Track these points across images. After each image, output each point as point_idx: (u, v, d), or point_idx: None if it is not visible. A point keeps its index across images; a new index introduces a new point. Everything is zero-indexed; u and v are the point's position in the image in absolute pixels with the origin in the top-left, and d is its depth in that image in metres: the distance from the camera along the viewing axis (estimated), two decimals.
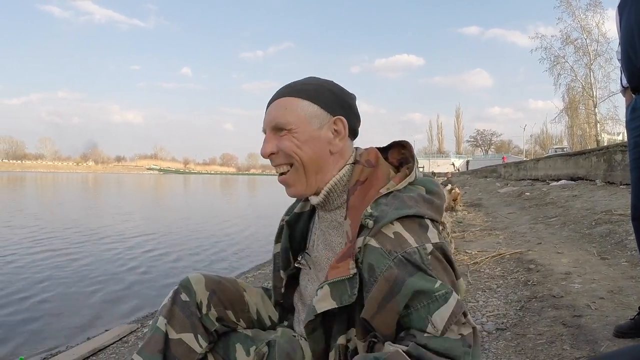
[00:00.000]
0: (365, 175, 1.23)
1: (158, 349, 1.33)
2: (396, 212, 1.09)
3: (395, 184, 1.19)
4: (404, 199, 1.14)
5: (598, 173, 11.74)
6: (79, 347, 3.82)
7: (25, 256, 8.11)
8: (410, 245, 1.06)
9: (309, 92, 1.27)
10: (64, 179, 72.37)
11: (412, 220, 1.10)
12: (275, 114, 1.27)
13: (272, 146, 1.27)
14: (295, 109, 1.25)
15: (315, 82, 1.31)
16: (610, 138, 36.82)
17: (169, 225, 13.02)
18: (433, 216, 1.16)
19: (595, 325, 2.65)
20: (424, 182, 1.24)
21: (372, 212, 1.12)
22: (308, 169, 1.25)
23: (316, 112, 1.25)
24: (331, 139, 1.26)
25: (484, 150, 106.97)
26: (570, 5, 35.45)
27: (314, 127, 1.24)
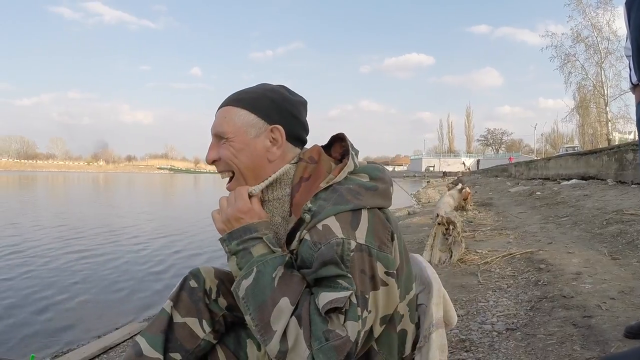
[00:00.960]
0: (308, 172, 1.26)
1: (161, 330, 1.36)
2: (333, 209, 1.13)
3: (334, 177, 1.22)
4: (342, 193, 1.16)
5: (609, 172, 11.66)
6: (90, 345, 3.85)
7: (39, 257, 8.18)
8: (336, 236, 1.09)
9: (248, 101, 1.29)
10: (76, 178, 72.86)
11: (347, 214, 1.13)
12: (216, 122, 1.31)
13: (215, 154, 1.31)
14: (233, 118, 1.28)
15: (258, 90, 1.33)
16: (622, 137, 36.58)
17: (181, 225, 13.10)
18: (377, 204, 1.19)
19: (606, 326, 2.63)
20: (367, 169, 1.26)
21: (311, 206, 1.16)
22: (246, 177, 1.29)
23: (252, 121, 1.28)
24: (269, 147, 1.28)
25: (495, 149, 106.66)
26: (580, 3, 35.29)
27: (250, 136, 1.27)
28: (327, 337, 1.03)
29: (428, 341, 1.25)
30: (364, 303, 1.09)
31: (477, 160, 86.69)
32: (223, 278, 1.47)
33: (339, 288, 1.06)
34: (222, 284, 1.45)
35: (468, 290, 3.88)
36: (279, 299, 1.09)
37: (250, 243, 1.18)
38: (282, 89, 1.35)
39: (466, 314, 3.29)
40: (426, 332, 1.26)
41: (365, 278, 1.10)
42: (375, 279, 1.11)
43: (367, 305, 1.10)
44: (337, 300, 1.05)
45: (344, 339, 1.04)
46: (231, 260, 1.20)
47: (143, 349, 1.34)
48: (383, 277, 1.13)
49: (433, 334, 1.25)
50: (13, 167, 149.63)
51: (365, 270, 1.10)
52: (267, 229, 1.23)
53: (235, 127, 1.27)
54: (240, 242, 1.19)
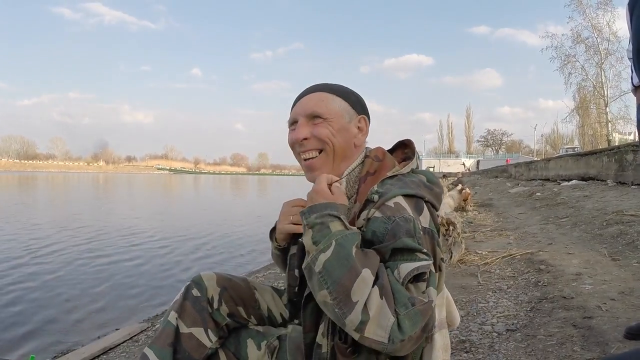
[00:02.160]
0: (374, 168, 1.37)
1: (168, 343, 1.38)
2: (399, 190, 1.23)
3: (399, 169, 1.35)
4: (406, 182, 1.29)
5: (609, 173, 11.66)
6: (90, 346, 3.85)
7: (39, 256, 8.17)
8: (408, 213, 1.18)
9: (341, 91, 1.44)
10: (76, 179, 72.81)
11: (412, 199, 1.23)
12: (314, 104, 1.40)
13: (306, 132, 1.39)
14: (331, 102, 1.40)
15: (344, 87, 1.48)
16: (622, 138, 36.58)
17: (181, 226, 13.07)
18: (432, 201, 1.29)
19: (606, 327, 2.63)
20: (425, 173, 1.40)
21: (378, 189, 1.26)
22: (337, 155, 1.39)
23: (347, 109, 1.41)
24: (356, 133, 1.42)
25: (495, 150, 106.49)
26: (580, 4, 35.30)
27: (345, 120, 1.40)
28: (413, 302, 1.07)
29: (431, 341, 1.26)
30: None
31: (477, 161, 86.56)
32: (225, 285, 1.49)
33: (417, 259, 1.12)
34: (225, 291, 1.48)
35: (468, 291, 3.88)
36: (361, 270, 1.09)
37: (329, 219, 1.20)
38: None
39: (466, 314, 3.29)
40: (429, 332, 1.26)
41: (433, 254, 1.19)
42: (437, 261, 1.20)
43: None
44: (420, 267, 1.10)
45: (427, 304, 1.09)
46: (307, 234, 1.20)
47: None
48: (440, 262, 1.22)
49: (436, 335, 1.26)
50: (13, 168, 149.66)
51: (429, 251, 1.17)
52: (345, 212, 1.26)
53: (334, 110, 1.39)
54: (319, 216, 1.20)
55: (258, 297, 1.56)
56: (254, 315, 1.52)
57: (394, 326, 1.03)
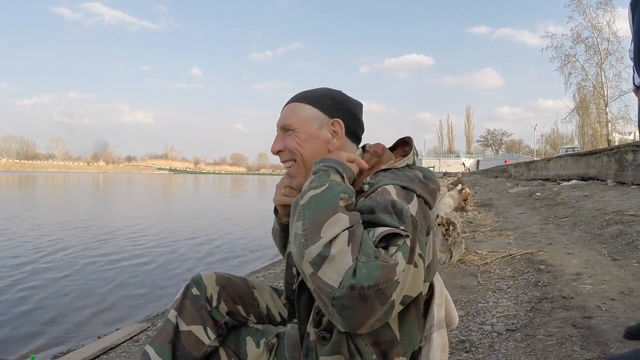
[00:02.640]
0: (371, 164, 1.37)
1: (168, 340, 1.41)
2: (390, 180, 1.23)
3: (394, 162, 1.36)
4: (399, 175, 1.28)
5: (609, 173, 11.65)
6: (90, 346, 3.85)
7: (40, 256, 8.18)
8: (392, 197, 1.15)
9: (312, 98, 1.44)
10: (77, 179, 72.75)
11: (401, 189, 1.21)
12: (282, 116, 1.46)
13: (280, 145, 1.44)
14: (299, 112, 1.42)
15: (321, 90, 1.48)
16: (622, 138, 36.60)
17: (182, 226, 13.08)
18: (425, 196, 1.26)
19: (606, 327, 2.63)
20: (422, 169, 1.38)
21: (370, 180, 1.28)
22: (307, 164, 1.39)
23: (316, 115, 1.42)
24: (329, 138, 1.41)
25: (495, 150, 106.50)
26: (580, 4, 35.31)
27: (313, 128, 1.41)
28: (377, 255, 0.99)
29: (429, 341, 1.26)
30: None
31: (477, 160, 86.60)
32: (224, 284, 1.52)
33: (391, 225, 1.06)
34: (224, 290, 1.51)
35: (468, 291, 3.88)
36: (339, 213, 1.08)
37: (332, 170, 1.23)
38: (341, 92, 1.50)
39: (466, 314, 3.29)
40: (427, 332, 1.27)
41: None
42: (413, 255, 1.07)
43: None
44: (392, 229, 1.04)
45: (391, 265, 0.99)
46: (308, 180, 1.22)
47: (152, 358, 1.40)
48: (417, 257, 1.08)
49: (434, 334, 1.26)
50: (13, 168, 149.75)
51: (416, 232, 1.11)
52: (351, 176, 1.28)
53: (301, 119, 1.41)
54: (326, 166, 1.25)
55: (257, 296, 1.59)
56: (252, 314, 1.54)
57: (349, 270, 0.97)
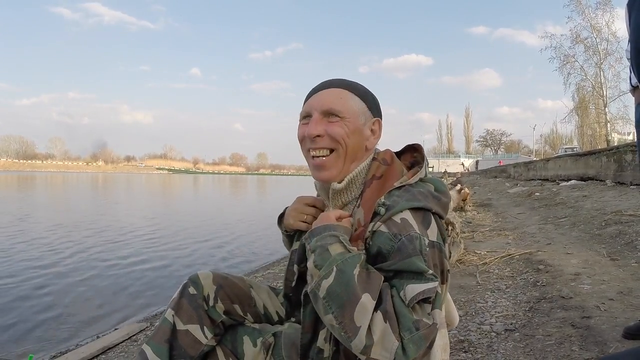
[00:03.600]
0: (380, 172, 1.35)
1: (165, 339, 1.41)
2: (407, 203, 1.21)
3: (407, 179, 1.31)
4: (414, 193, 1.25)
5: (608, 173, 11.67)
6: (89, 346, 3.84)
7: (36, 256, 8.17)
8: (415, 230, 1.17)
9: (360, 91, 1.40)
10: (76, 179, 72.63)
11: (419, 213, 1.22)
12: (332, 100, 1.35)
13: (321, 129, 1.34)
14: (350, 101, 1.36)
15: (363, 86, 1.43)
16: (621, 138, 36.56)
17: (179, 226, 13.05)
18: (439, 212, 1.27)
19: (605, 327, 2.63)
20: (434, 181, 1.36)
21: (385, 201, 1.24)
22: (349, 156, 1.36)
23: (364, 109, 1.38)
24: (369, 135, 1.39)
25: (494, 150, 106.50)
26: (580, 4, 35.29)
27: (360, 122, 1.36)
28: (417, 326, 1.07)
29: None
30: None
31: (476, 161, 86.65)
32: (221, 283, 1.51)
33: (424, 279, 1.11)
34: (221, 289, 1.50)
35: (467, 291, 3.88)
36: (361, 295, 1.09)
37: (328, 240, 1.21)
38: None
39: (465, 314, 3.29)
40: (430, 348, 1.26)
41: (438, 272, 1.18)
42: (444, 274, 1.21)
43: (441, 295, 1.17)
44: (427, 291, 1.10)
45: (432, 327, 1.09)
46: (309, 258, 1.21)
47: (149, 357, 1.40)
48: (446, 273, 1.22)
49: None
50: (12, 167, 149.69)
51: (437, 265, 1.19)
52: (346, 233, 1.26)
53: (352, 110, 1.35)
54: (320, 239, 1.22)
55: (254, 295, 1.58)
56: (250, 313, 1.53)
57: (398, 350, 1.05)
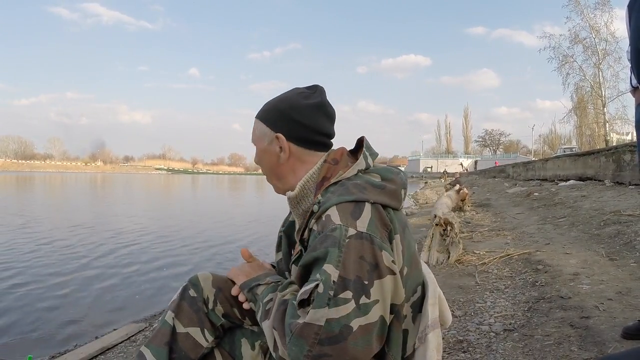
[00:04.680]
0: (330, 172, 1.34)
1: (165, 342, 1.42)
2: (336, 199, 1.21)
3: (343, 173, 1.31)
4: (348, 187, 1.24)
5: (607, 173, 11.68)
6: (87, 346, 3.84)
7: (36, 256, 8.16)
8: (334, 223, 1.16)
9: (262, 113, 1.43)
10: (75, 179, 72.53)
11: (349, 205, 1.20)
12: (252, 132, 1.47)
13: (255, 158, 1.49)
14: (255, 129, 1.45)
15: (274, 101, 1.44)
16: (619, 138, 36.60)
17: (177, 227, 12.99)
18: (383, 201, 1.23)
19: (603, 327, 2.64)
20: (379, 171, 1.34)
21: (320, 199, 1.26)
22: (270, 177, 1.45)
23: (264, 131, 1.41)
24: (278, 152, 1.39)
25: (492, 150, 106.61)
26: (578, 4, 35.31)
27: (265, 144, 1.41)
28: (291, 329, 1.11)
29: (425, 342, 1.25)
30: (361, 289, 1.10)
31: (475, 161, 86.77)
32: (221, 285, 1.52)
33: (312, 281, 1.13)
34: (220, 292, 1.51)
35: (465, 291, 3.88)
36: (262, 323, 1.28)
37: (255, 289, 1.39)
38: (295, 97, 1.40)
39: (464, 314, 3.29)
40: (422, 333, 1.26)
41: (365, 264, 1.12)
42: (380, 267, 1.13)
43: (366, 291, 1.11)
44: (303, 293, 1.12)
45: (301, 325, 1.08)
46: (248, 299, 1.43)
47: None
48: (390, 265, 1.15)
49: (429, 334, 1.25)
50: (10, 168, 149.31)
51: (364, 257, 1.13)
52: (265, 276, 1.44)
53: (256, 136, 1.44)
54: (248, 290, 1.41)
55: None
56: (248, 316, 1.52)
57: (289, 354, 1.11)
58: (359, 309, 1.09)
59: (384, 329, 1.16)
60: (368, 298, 1.10)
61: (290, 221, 1.56)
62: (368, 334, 1.10)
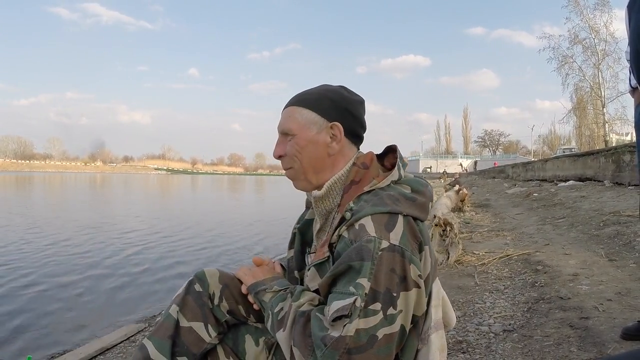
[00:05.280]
0: (359, 176, 1.34)
1: (168, 335, 1.42)
2: (371, 209, 1.20)
3: (377, 182, 1.30)
4: (382, 197, 1.24)
5: (606, 174, 11.68)
6: (87, 346, 3.83)
7: (35, 255, 8.16)
8: (368, 235, 1.16)
9: (309, 101, 1.39)
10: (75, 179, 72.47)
11: (383, 216, 1.20)
12: (282, 121, 1.41)
13: (281, 150, 1.41)
14: (297, 117, 1.38)
15: (319, 91, 1.42)
16: (619, 138, 36.63)
17: (180, 227, 12.97)
18: (414, 214, 1.24)
19: (603, 327, 2.64)
20: (410, 182, 1.33)
21: (353, 206, 1.25)
22: (307, 170, 1.38)
23: (314, 119, 1.37)
24: (329, 142, 1.37)
25: (492, 150, 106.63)
26: (578, 5, 35.35)
27: (312, 133, 1.37)
28: (325, 342, 1.11)
29: (427, 343, 1.26)
30: (389, 300, 1.13)
31: (475, 161, 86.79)
32: (227, 282, 1.52)
33: (346, 294, 1.12)
34: (226, 288, 1.51)
35: (465, 292, 3.88)
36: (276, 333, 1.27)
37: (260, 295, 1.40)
38: (341, 89, 1.42)
39: (463, 315, 3.29)
40: (425, 334, 1.27)
41: (395, 277, 1.14)
42: (407, 280, 1.16)
43: (394, 303, 1.13)
44: (342, 309, 1.11)
45: (338, 339, 1.09)
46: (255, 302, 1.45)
47: (150, 353, 1.41)
48: (416, 279, 1.17)
49: (432, 336, 1.26)
50: (10, 168, 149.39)
51: (395, 269, 1.15)
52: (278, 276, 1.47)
53: (299, 124, 1.37)
54: (255, 294, 1.42)
55: None
56: (253, 314, 1.53)
57: None
58: (386, 319, 1.12)
59: (403, 338, 1.19)
60: (395, 309, 1.13)
61: (307, 219, 1.56)
62: (391, 342, 1.13)
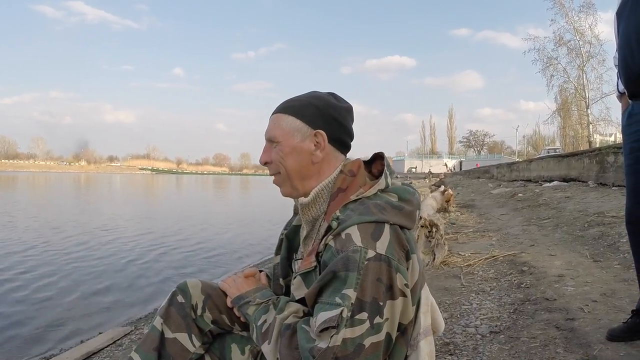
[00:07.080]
0: (346, 184, 1.35)
1: (153, 347, 1.44)
2: (358, 218, 1.21)
3: (364, 191, 1.31)
4: (369, 206, 1.25)
5: (590, 174, 11.78)
6: (73, 351, 3.80)
7: (19, 259, 8.07)
8: (355, 244, 1.17)
9: (295, 108, 1.40)
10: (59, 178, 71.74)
11: (369, 225, 1.20)
12: (268, 128, 1.43)
13: (267, 156, 1.42)
14: (282, 124, 1.39)
15: (305, 98, 1.42)
16: (603, 139, 36.99)
17: (165, 229, 12.88)
18: (401, 222, 1.25)
19: (589, 329, 2.66)
20: (397, 190, 1.34)
21: (339, 215, 1.26)
22: (292, 177, 1.39)
23: (298, 126, 1.38)
24: (313, 149, 1.37)
25: (477, 151, 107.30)
26: (563, 7, 35.58)
27: (296, 140, 1.37)
28: (313, 354, 1.12)
29: (416, 349, 1.26)
30: (376, 309, 1.14)
31: (460, 161, 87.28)
32: (210, 292, 1.54)
33: (333, 305, 1.13)
34: (209, 298, 1.53)
35: (451, 293, 3.90)
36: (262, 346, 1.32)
37: (244, 307, 1.43)
38: (329, 96, 1.43)
39: (450, 317, 3.30)
40: (414, 340, 1.27)
41: (381, 286, 1.15)
42: (394, 289, 1.17)
43: (380, 312, 1.14)
44: (329, 320, 1.12)
45: (325, 350, 1.11)
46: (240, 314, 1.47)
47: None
48: (402, 288, 1.18)
49: (421, 342, 1.26)
50: None
51: (382, 279, 1.15)
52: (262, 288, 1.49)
53: (284, 131, 1.38)
54: (238, 307, 1.45)
55: None
56: (238, 323, 1.53)
57: None
58: (373, 328, 1.13)
59: (390, 345, 1.20)
60: (381, 318, 1.14)
61: (294, 225, 1.56)
62: (378, 350, 1.14)
